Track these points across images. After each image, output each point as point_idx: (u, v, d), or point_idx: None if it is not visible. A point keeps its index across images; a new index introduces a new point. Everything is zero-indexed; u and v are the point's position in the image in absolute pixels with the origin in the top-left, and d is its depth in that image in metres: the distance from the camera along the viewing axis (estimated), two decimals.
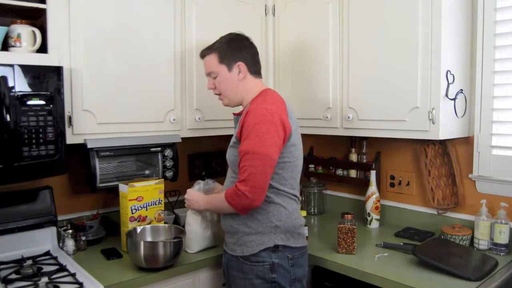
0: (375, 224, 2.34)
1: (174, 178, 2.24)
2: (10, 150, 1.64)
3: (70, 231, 1.97)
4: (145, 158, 2.25)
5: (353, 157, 2.55)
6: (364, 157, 2.51)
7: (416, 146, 2.27)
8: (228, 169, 1.78)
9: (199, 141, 2.61)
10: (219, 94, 1.81)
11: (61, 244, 1.97)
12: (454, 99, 1.91)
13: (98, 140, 1.93)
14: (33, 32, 1.75)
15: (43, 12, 1.78)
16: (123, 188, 1.95)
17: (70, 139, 1.84)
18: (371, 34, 2.07)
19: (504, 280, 1.68)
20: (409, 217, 2.33)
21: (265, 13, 2.53)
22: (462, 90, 1.95)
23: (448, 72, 1.88)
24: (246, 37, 1.81)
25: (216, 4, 2.30)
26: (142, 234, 1.90)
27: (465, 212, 2.13)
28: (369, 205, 2.33)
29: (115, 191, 2.16)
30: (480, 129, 2.05)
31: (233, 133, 1.80)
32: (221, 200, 1.66)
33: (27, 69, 1.67)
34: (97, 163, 1.96)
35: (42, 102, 1.70)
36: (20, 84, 1.65)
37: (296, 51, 2.42)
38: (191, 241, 1.95)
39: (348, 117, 2.17)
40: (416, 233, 2.17)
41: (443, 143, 2.19)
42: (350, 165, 2.55)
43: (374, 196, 2.32)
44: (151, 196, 1.99)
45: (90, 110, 1.90)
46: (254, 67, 1.79)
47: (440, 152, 2.20)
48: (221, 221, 1.79)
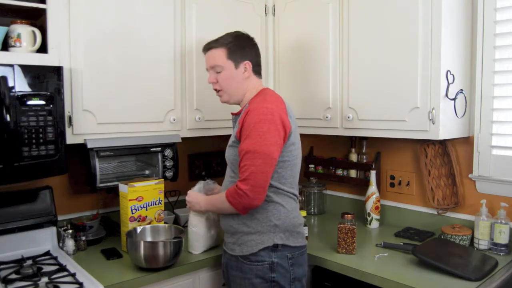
0: (375, 224, 2.34)
1: (174, 178, 2.24)
2: (10, 150, 1.64)
3: (70, 231, 1.97)
4: (145, 158, 2.25)
5: (353, 157, 2.55)
6: (364, 157, 2.51)
7: (416, 146, 2.27)
8: (227, 169, 1.78)
9: (199, 141, 2.61)
10: (219, 90, 1.79)
11: (61, 244, 1.97)
12: (454, 99, 1.91)
13: (98, 140, 1.93)
14: (33, 32, 1.75)
15: (43, 12, 1.78)
16: (123, 188, 1.95)
17: (70, 139, 1.85)
18: (371, 34, 2.07)
19: (504, 280, 1.68)
20: (409, 217, 2.33)
21: (265, 13, 2.53)
22: (462, 90, 1.96)
23: (448, 72, 1.88)
24: (252, 37, 1.81)
25: (216, 4, 2.30)
26: (142, 234, 1.90)
27: (465, 212, 2.13)
28: (369, 205, 2.33)
29: (115, 191, 2.17)
30: (480, 129, 2.05)
31: (232, 133, 1.80)
32: (222, 200, 1.66)
33: (27, 69, 1.67)
34: (97, 163, 1.96)
35: (42, 102, 1.70)
36: (20, 84, 1.65)
37: (296, 51, 2.42)
38: (196, 242, 1.94)
39: (348, 117, 2.17)
40: (416, 233, 2.17)
41: (443, 143, 2.19)
42: (350, 165, 2.55)
43: (374, 196, 2.32)
44: (151, 196, 1.99)
45: (90, 110, 1.90)
46: (257, 67, 1.80)
47: (440, 152, 2.20)
48: (221, 221, 1.79)
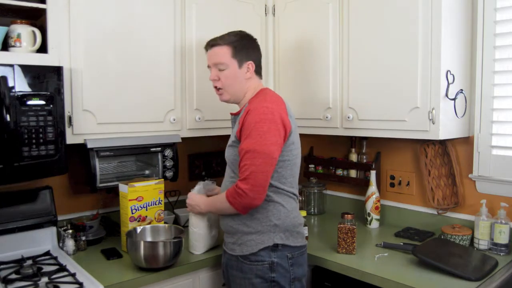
0: (375, 224, 2.34)
1: (174, 178, 2.24)
2: (10, 150, 1.64)
3: (70, 231, 1.97)
4: (145, 158, 2.25)
5: (353, 157, 2.55)
6: (364, 157, 2.51)
7: (416, 146, 2.27)
8: (227, 169, 1.78)
9: (199, 141, 2.61)
10: (219, 88, 1.78)
11: (61, 244, 1.97)
12: (454, 99, 1.91)
13: (98, 140, 1.93)
14: (33, 32, 1.75)
15: (43, 12, 1.78)
16: (123, 188, 1.95)
17: (70, 139, 1.84)
18: (371, 34, 2.07)
19: (504, 280, 1.68)
20: (409, 217, 2.33)
21: (265, 13, 2.52)
22: (462, 90, 1.95)
23: (448, 72, 1.88)
24: (255, 38, 1.82)
25: (216, 4, 2.30)
26: (142, 234, 1.90)
27: (465, 212, 2.13)
28: (369, 205, 2.33)
29: (115, 191, 2.16)
30: (480, 129, 2.05)
31: (231, 133, 1.80)
32: (222, 201, 1.66)
33: (27, 69, 1.67)
34: (97, 163, 1.96)
35: (42, 102, 1.70)
36: (20, 84, 1.65)
37: (296, 51, 2.42)
38: (197, 242, 1.94)
39: (348, 117, 2.17)
40: (416, 233, 2.17)
41: (443, 143, 2.19)
42: (350, 165, 2.55)
43: (374, 196, 2.32)
44: (151, 196, 1.99)
45: (90, 110, 1.90)
46: (259, 68, 1.81)
47: (440, 152, 2.20)
48: (220, 222, 1.79)
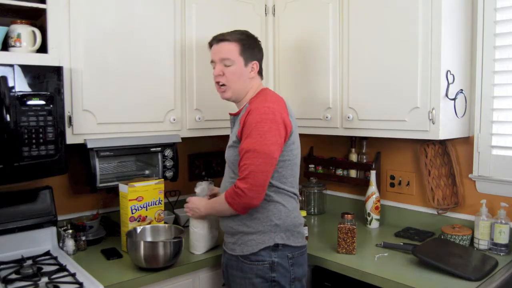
0: (375, 224, 2.34)
1: (174, 178, 2.24)
2: (10, 150, 1.64)
3: (70, 231, 1.97)
4: (145, 158, 2.25)
5: (353, 157, 2.55)
6: (364, 157, 2.51)
7: (416, 146, 2.27)
8: (227, 169, 1.77)
9: (199, 141, 2.61)
10: (223, 85, 1.76)
11: (61, 244, 1.97)
12: (454, 99, 1.91)
13: (98, 140, 1.93)
14: (33, 32, 1.75)
15: (43, 12, 1.78)
16: (123, 188, 1.95)
17: (70, 139, 1.84)
18: (371, 34, 2.07)
19: (504, 280, 1.68)
20: (409, 217, 2.33)
21: (265, 13, 2.52)
22: (462, 90, 1.95)
23: (448, 72, 1.88)
24: (259, 40, 1.83)
25: (216, 4, 2.30)
26: (142, 234, 1.90)
27: (465, 212, 2.13)
28: (369, 205, 2.33)
29: (115, 191, 2.16)
30: (480, 129, 2.05)
31: (230, 133, 1.80)
32: (222, 202, 1.66)
33: (27, 69, 1.66)
34: (97, 163, 1.96)
35: (42, 102, 1.70)
36: (20, 84, 1.65)
37: (296, 51, 2.42)
38: (198, 242, 1.94)
39: (348, 117, 2.17)
40: (416, 233, 2.17)
41: (443, 143, 2.19)
42: (350, 165, 2.55)
43: (374, 196, 2.32)
44: (151, 196, 1.99)
45: (90, 110, 1.90)
46: (261, 69, 1.82)
47: (440, 152, 2.20)
48: (220, 223, 1.79)
